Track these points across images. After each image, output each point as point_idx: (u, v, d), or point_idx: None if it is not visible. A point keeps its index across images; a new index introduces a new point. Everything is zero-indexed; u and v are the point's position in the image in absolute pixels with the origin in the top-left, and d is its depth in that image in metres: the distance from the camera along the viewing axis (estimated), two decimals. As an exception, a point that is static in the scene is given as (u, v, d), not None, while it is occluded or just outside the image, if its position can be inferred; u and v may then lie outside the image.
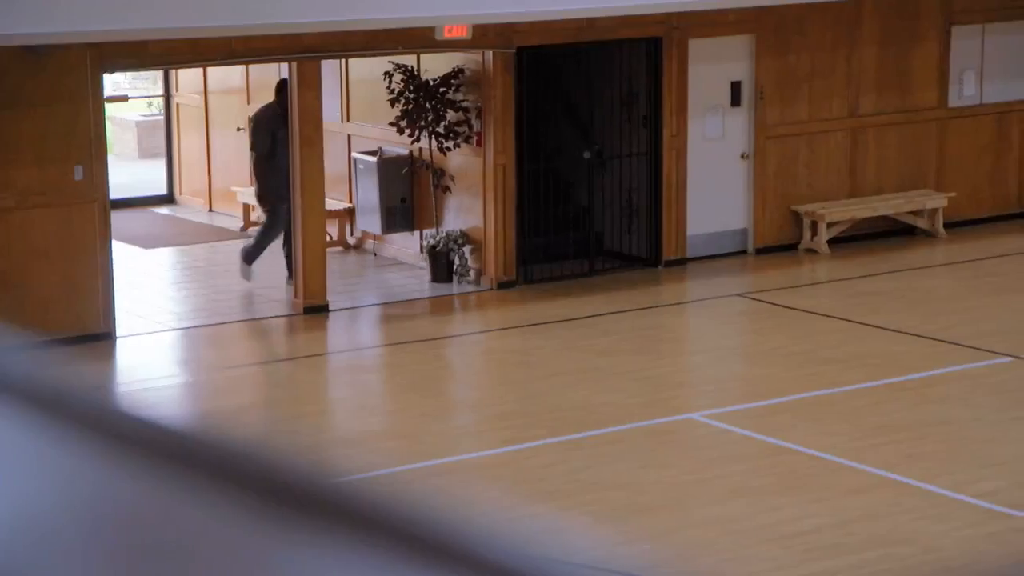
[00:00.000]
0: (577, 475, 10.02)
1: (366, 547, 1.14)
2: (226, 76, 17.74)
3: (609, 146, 15.52)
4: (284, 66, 14.87)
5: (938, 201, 16.53)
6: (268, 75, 17.04)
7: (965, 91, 16.93)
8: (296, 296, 14.17)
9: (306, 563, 1.15)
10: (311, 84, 13.93)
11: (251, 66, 16.72)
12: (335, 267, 15.04)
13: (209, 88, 18.20)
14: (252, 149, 14.94)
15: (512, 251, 14.89)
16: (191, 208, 18.57)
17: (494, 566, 1.12)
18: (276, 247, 14.88)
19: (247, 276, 14.81)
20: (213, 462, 1.23)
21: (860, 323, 13.44)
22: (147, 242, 16.96)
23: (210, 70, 17.51)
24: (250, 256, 14.80)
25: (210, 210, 18.37)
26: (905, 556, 8.69)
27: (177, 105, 18.86)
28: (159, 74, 19.43)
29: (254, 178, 15.10)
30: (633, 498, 9.62)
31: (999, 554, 8.69)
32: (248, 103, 17.75)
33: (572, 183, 15.77)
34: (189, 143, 18.68)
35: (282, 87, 14.53)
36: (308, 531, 1.16)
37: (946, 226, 16.57)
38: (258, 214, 15.62)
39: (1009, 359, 12.36)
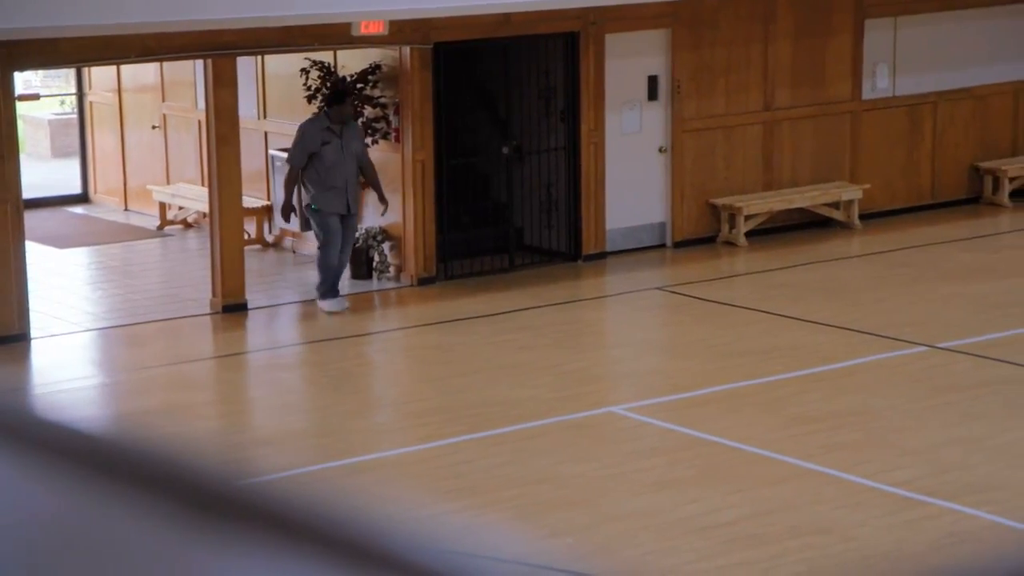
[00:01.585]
0: (498, 471, 10.03)
1: (285, 549, 1.14)
2: (140, 73, 17.58)
3: (527, 141, 15.54)
4: (199, 63, 14.77)
5: (853, 193, 16.69)
6: (183, 72, 16.91)
7: (878, 84, 17.10)
8: (214, 295, 14.07)
9: (224, 566, 1.14)
10: (227, 81, 13.82)
11: (165, 63, 16.58)
12: (253, 265, 14.96)
13: (123, 86, 18.03)
14: (289, 161, 13.91)
15: (432, 247, 14.88)
16: (106, 207, 18.40)
17: (414, 564, 1.11)
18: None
19: (338, 307, 13.85)
20: (130, 465, 1.22)
21: (778, 314, 13.55)
22: (61, 242, 16.78)
23: (124, 67, 17.35)
24: (323, 289, 13.84)
25: (126, 209, 18.21)
26: (824, 545, 8.77)
27: (90, 103, 18.67)
28: (71, 72, 19.22)
29: (284, 191, 14.07)
30: (554, 492, 9.64)
31: (918, 540, 8.79)
32: (163, 100, 17.61)
33: (491, 178, 15.78)
34: (103, 141, 18.49)
35: (338, 97, 13.77)
36: (226, 533, 1.15)
37: (861, 217, 16.74)
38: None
39: (923, 348, 12.50)
